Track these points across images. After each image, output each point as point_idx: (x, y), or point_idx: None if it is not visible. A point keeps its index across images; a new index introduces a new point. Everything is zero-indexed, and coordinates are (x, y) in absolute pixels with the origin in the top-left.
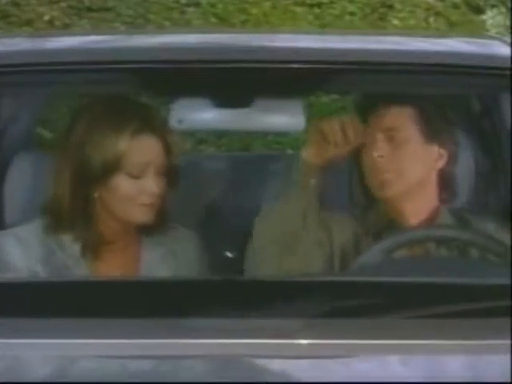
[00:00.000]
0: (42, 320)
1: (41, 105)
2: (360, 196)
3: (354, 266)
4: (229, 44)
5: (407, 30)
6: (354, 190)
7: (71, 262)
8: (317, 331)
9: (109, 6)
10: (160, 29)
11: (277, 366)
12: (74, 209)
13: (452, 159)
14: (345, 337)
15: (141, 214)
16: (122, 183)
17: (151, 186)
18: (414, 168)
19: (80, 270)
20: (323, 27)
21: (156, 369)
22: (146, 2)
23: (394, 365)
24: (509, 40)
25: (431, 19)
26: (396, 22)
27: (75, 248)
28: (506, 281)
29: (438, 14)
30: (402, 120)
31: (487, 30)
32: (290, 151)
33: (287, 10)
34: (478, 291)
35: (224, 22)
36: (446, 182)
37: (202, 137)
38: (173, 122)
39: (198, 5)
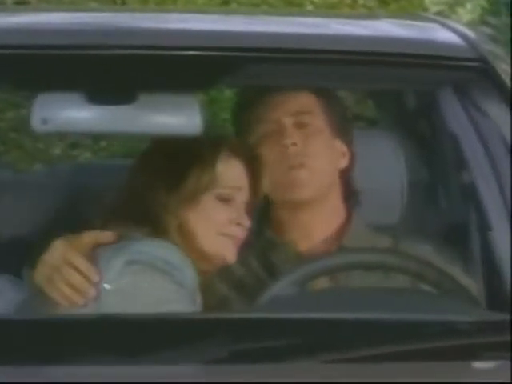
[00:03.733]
0: None
1: None
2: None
3: (262, 301)
4: (107, 25)
5: (327, 10)
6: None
7: None
8: (217, 379)
9: None
10: (20, 5)
11: None
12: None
13: (353, 161)
14: None
15: (225, 247)
16: (210, 205)
17: (242, 214)
18: (326, 164)
19: None
20: (226, 5)
21: None
22: None
23: None
24: (452, 23)
25: None
26: None
27: None
28: (443, 317)
29: None
30: (310, 104)
31: (426, 9)
32: None
33: None
34: (412, 329)
35: None
36: (349, 185)
37: (74, 140)
38: (35, 122)
39: None
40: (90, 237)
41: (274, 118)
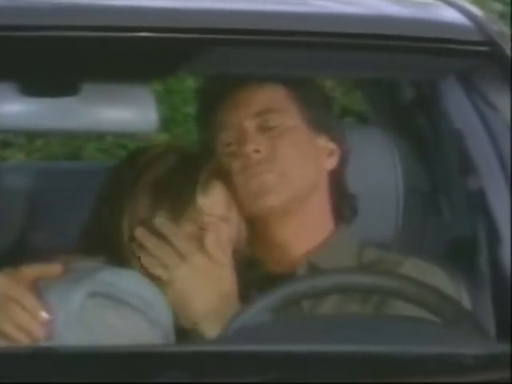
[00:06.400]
0: None
1: None
2: None
3: (229, 331)
4: (45, 2)
5: None
6: None
7: None
8: None
9: None
10: None
11: None
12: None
13: (345, 160)
14: None
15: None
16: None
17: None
18: (302, 167)
19: None
20: None
21: None
22: None
23: None
24: (457, 0)
25: None
26: None
27: None
28: (446, 349)
29: None
30: (278, 100)
31: None
32: None
33: None
34: (409, 363)
35: None
36: (340, 189)
37: (5, 139)
38: None
39: None
40: (33, 269)
41: (235, 122)
